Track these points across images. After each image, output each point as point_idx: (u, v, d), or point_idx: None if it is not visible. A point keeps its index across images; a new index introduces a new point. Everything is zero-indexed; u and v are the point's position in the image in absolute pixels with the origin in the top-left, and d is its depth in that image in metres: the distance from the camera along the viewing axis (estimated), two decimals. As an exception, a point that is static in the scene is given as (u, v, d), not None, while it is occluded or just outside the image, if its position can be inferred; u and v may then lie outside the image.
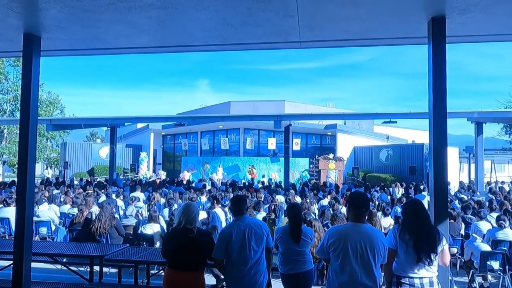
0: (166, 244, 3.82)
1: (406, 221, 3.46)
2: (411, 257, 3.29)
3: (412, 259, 3.28)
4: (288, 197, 11.12)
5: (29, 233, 4.34)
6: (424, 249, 3.26)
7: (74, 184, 17.27)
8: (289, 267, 4.27)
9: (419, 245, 3.26)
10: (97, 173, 26.70)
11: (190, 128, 29.05)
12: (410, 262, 3.30)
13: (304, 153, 27.51)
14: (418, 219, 3.38)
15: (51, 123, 20.69)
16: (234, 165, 25.72)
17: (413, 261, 3.28)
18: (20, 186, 4.33)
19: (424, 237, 3.29)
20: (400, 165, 22.87)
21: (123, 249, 5.80)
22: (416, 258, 3.26)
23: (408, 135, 30.70)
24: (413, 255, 3.27)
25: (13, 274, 4.23)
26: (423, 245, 3.26)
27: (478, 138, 17.57)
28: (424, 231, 3.32)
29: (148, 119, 25.51)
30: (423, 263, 3.28)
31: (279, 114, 19.46)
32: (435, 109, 3.92)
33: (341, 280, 3.12)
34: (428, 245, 3.28)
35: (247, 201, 4.16)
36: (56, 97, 33.10)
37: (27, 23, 4.17)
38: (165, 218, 8.46)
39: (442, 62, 3.94)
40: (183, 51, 5.17)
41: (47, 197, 10.47)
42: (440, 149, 3.90)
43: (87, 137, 57.43)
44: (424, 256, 3.26)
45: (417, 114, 17.06)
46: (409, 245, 3.29)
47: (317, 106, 34.19)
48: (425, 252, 3.26)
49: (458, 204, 10.47)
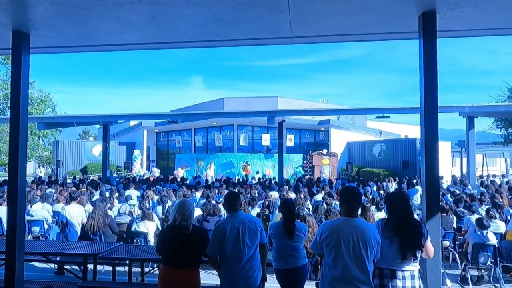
0: (161, 241, 3.82)
1: (390, 214, 3.49)
2: (395, 253, 3.31)
3: (397, 256, 3.30)
4: (282, 193, 11.14)
5: (21, 232, 4.31)
6: (409, 247, 3.29)
7: (67, 183, 17.14)
8: (283, 262, 4.29)
9: (404, 243, 3.28)
10: (90, 171, 26.55)
11: (183, 125, 28.96)
12: (394, 257, 3.32)
13: (298, 149, 27.57)
14: (402, 212, 3.39)
15: (42, 121, 20.53)
16: (228, 162, 25.70)
17: (397, 257, 3.31)
18: (11, 185, 4.29)
19: (409, 234, 3.30)
20: (393, 160, 23.03)
21: (117, 247, 5.78)
22: (401, 256, 3.29)
23: (401, 130, 30.91)
24: (398, 252, 3.29)
25: (6, 273, 4.20)
26: (408, 243, 3.29)
27: (470, 132, 17.74)
28: (407, 227, 3.33)
29: (141, 116, 25.39)
30: (408, 260, 3.32)
31: (273, 110, 19.47)
32: (426, 103, 3.94)
33: (334, 275, 3.14)
34: (413, 242, 3.30)
35: (240, 198, 4.16)
36: (47, 95, 32.74)
37: (15, 20, 4.11)
38: (159, 215, 8.44)
39: (433, 57, 3.96)
40: (175, 47, 5.13)
41: (40, 196, 10.38)
42: (432, 143, 3.92)
43: (79, 135, 57.01)
44: (409, 254, 3.29)
45: (410, 109, 17.17)
46: (393, 241, 3.30)
47: (310, 102, 34.25)
48: (411, 250, 3.29)
49: (450, 198, 10.57)
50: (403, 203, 3.46)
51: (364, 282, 3.10)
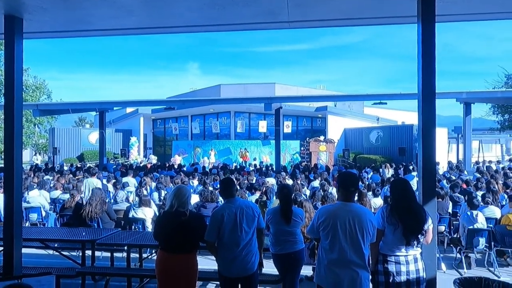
0: (159, 227, 3.83)
1: (393, 201, 3.51)
2: (399, 239, 3.36)
3: (400, 241, 3.36)
4: (279, 180, 11.18)
5: (19, 219, 4.31)
6: (413, 233, 3.33)
7: (64, 170, 17.11)
8: (280, 247, 4.33)
9: (407, 229, 3.32)
10: (87, 158, 26.48)
11: (180, 112, 28.84)
12: (398, 243, 3.37)
13: (295, 135, 27.58)
14: (405, 199, 3.43)
15: (38, 108, 20.37)
16: (225, 149, 25.71)
17: (401, 243, 3.36)
18: (8, 172, 4.27)
19: (412, 220, 3.34)
20: (390, 146, 23.10)
21: (115, 233, 5.81)
22: (405, 241, 3.35)
23: (398, 117, 30.92)
24: (401, 238, 3.34)
25: (4, 259, 4.23)
26: (412, 229, 3.33)
27: (467, 119, 17.79)
28: (411, 213, 3.37)
29: (138, 103, 25.22)
30: (411, 245, 3.37)
31: (270, 96, 19.40)
32: (424, 89, 3.92)
33: (331, 258, 3.17)
34: (416, 228, 3.34)
35: (235, 183, 4.16)
36: (42, 82, 32.45)
37: (8, 4, 4.03)
38: (156, 202, 8.47)
39: (431, 41, 3.92)
40: (171, 32, 5.07)
41: (37, 183, 10.37)
42: (429, 128, 3.92)
43: (75, 123, 56.74)
44: (413, 239, 3.35)
45: (407, 95, 17.16)
46: (397, 227, 3.35)
47: (307, 89, 34.13)
48: (415, 235, 3.34)
49: (446, 183, 10.65)
50: (405, 189, 3.47)
51: (360, 266, 3.14)
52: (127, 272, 5.46)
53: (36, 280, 3.35)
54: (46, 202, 8.70)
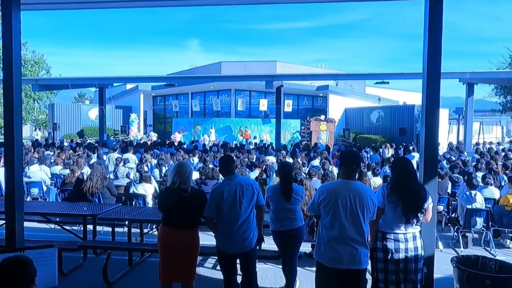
0: (161, 203, 3.86)
1: (394, 179, 3.51)
2: (398, 217, 3.38)
3: (400, 219, 3.38)
4: (279, 158, 11.20)
5: (20, 192, 4.33)
6: (412, 212, 3.35)
7: (64, 146, 17.13)
8: (280, 224, 4.36)
9: (407, 207, 3.34)
10: (87, 134, 26.49)
11: (180, 89, 28.64)
12: (398, 221, 3.39)
13: (296, 114, 27.49)
14: (406, 177, 3.42)
15: (37, 83, 20.19)
16: (226, 127, 25.66)
17: (401, 221, 3.38)
18: (8, 146, 4.26)
19: (412, 199, 3.35)
20: (390, 127, 23.04)
21: (116, 208, 5.85)
22: (404, 220, 3.36)
23: (399, 97, 30.73)
24: (401, 216, 3.36)
25: (6, 232, 4.27)
26: (412, 207, 3.35)
27: (469, 99, 17.67)
28: (411, 191, 3.38)
29: (137, 79, 25.00)
30: (410, 224, 3.39)
31: (271, 74, 19.19)
32: (429, 67, 3.86)
33: (331, 235, 3.19)
34: (416, 207, 3.36)
35: (234, 161, 4.15)
36: (41, 57, 32.10)
37: (4, -27, 3.92)
38: (156, 178, 8.51)
39: (438, 20, 3.84)
40: (172, 5, 4.96)
41: (37, 158, 10.39)
42: (433, 109, 3.89)
43: (75, 98, 56.41)
44: (412, 217, 3.36)
45: (410, 75, 16.97)
46: (397, 206, 3.36)
47: (309, 67, 33.73)
48: (414, 213, 3.36)
49: (446, 164, 10.67)
50: (405, 167, 3.46)
51: (359, 243, 3.17)
52: (128, 246, 5.53)
53: (39, 253, 3.40)
54: (47, 177, 8.74)
